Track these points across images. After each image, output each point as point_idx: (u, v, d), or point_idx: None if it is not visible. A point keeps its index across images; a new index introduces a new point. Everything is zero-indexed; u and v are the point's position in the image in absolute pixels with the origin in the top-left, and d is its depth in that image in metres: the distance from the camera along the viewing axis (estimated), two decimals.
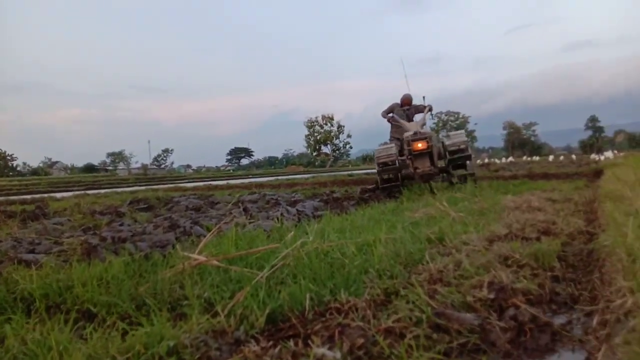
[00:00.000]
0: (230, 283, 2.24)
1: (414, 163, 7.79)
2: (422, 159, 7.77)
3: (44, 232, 4.88)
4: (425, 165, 7.76)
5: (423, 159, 7.77)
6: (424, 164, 7.77)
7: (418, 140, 7.68)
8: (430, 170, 7.72)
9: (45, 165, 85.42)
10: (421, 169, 7.74)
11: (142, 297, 2.13)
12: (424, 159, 7.77)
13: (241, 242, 3.08)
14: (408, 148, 7.69)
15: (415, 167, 7.77)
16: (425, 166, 7.76)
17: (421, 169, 7.74)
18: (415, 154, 7.76)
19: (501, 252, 2.51)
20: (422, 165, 7.77)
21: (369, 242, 2.79)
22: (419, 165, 7.77)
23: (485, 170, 15.00)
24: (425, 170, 7.74)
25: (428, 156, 7.74)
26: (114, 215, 6.46)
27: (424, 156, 7.75)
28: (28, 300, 2.26)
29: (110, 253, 3.37)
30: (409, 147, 7.67)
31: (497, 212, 4.15)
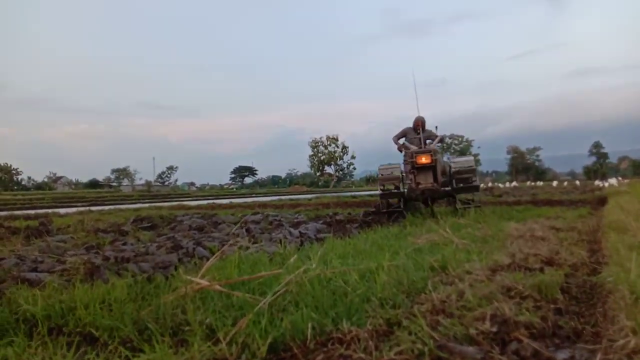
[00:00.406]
0: (233, 309, 2.24)
1: (417, 178, 7.59)
2: (425, 174, 7.57)
3: (47, 250, 4.89)
4: (427, 180, 7.54)
5: (426, 174, 7.56)
6: (426, 179, 7.55)
7: (422, 154, 7.48)
8: (432, 186, 7.48)
9: (49, 180, 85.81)
10: (423, 184, 7.52)
11: (144, 322, 2.13)
12: (427, 174, 7.56)
13: (244, 266, 3.08)
14: (411, 161, 7.50)
15: (418, 183, 7.56)
16: (427, 181, 7.53)
17: (423, 184, 7.51)
18: (419, 168, 7.55)
19: (504, 283, 2.51)
20: (424, 180, 7.55)
21: (372, 269, 2.79)
22: (422, 181, 7.55)
23: (489, 195, 14.98)
24: (428, 185, 7.50)
25: (432, 171, 7.54)
26: (117, 233, 6.48)
27: (428, 171, 7.55)
28: (30, 321, 2.26)
29: (113, 274, 3.37)
30: (412, 159, 7.47)
31: (500, 240, 4.14)
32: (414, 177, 7.60)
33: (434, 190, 7.54)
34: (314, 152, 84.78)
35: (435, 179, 7.53)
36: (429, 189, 7.50)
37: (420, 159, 7.44)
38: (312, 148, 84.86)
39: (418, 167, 7.48)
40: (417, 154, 7.48)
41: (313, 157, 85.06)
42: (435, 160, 7.46)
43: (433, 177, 7.52)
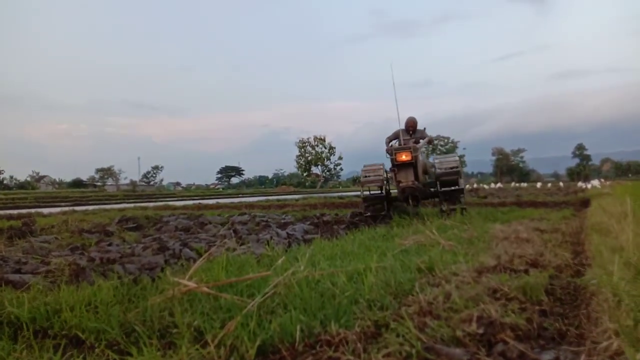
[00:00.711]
0: (221, 311, 2.24)
1: (397, 176, 7.43)
2: (406, 172, 7.36)
3: (31, 250, 4.82)
4: (408, 178, 7.34)
5: (407, 172, 7.36)
6: (407, 177, 7.34)
7: (402, 151, 7.28)
8: (413, 184, 7.30)
9: (32, 179, 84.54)
10: (404, 182, 7.32)
11: (132, 324, 2.12)
12: (408, 172, 7.36)
13: (231, 268, 3.08)
14: (392, 158, 7.34)
15: (399, 181, 7.39)
16: (408, 179, 7.33)
17: (404, 182, 7.32)
18: (399, 165, 7.38)
19: (490, 285, 2.53)
20: (405, 178, 7.35)
21: (360, 270, 2.80)
22: (402, 179, 7.36)
23: (474, 196, 15.12)
24: (409, 183, 7.31)
25: (412, 169, 7.35)
26: (102, 234, 6.41)
27: (408, 168, 7.35)
28: (15, 324, 2.23)
29: (99, 275, 3.34)
30: (393, 156, 7.32)
31: (486, 242, 4.19)
32: (395, 175, 7.47)
33: (415, 188, 7.36)
34: (301, 153, 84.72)
35: (416, 176, 7.36)
36: (410, 187, 7.32)
37: (400, 156, 7.27)
38: (299, 148, 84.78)
39: (398, 164, 7.32)
40: (397, 151, 7.31)
41: (300, 157, 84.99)
42: (416, 157, 7.29)
43: (414, 175, 7.34)
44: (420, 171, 7.42)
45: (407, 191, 7.36)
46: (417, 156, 7.32)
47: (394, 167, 7.43)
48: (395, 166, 7.38)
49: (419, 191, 7.53)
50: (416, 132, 8.41)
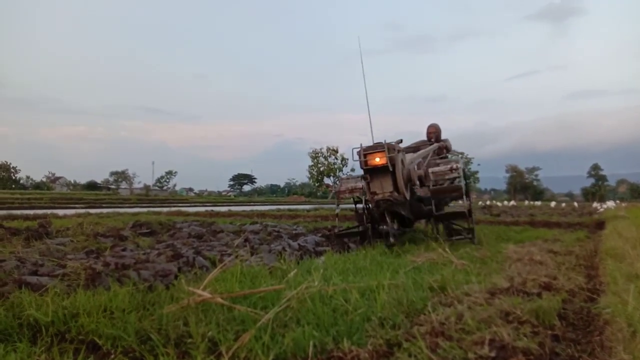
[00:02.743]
0: (234, 322, 2.27)
1: (371, 185, 5.72)
2: (381, 180, 5.62)
3: (47, 253, 4.91)
4: (385, 188, 5.60)
5: (382, 180, 5.62)
6: (382, 187, 5.62)
7: (374, 153, 5.50)
8: (390, 196, 5.55)
9: (48, 180, 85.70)
10: (380, 193, 5.62)
11: (147, 332, 2.16)
12: (384, 180, 5.61)
13: (244, 279, 3.11)
14: (361, 161, 5.58)
15: (373, 192, 5.69)
16: (384, 190, 5.60)
17: (380, 194, 5.61)
18: (371, 171, 5.62)
19: (503, 307, 2.53)
20: (380, 188, 5.63)
21: (372, 287, 2.81)
22: (377, 189, 5.65)
23: (487, 214, 15.02)
24: (385, 195, 5.57)
25: (390, 176, 5.56)
26: (117, 238, 6.50)
27: (384, 175, 5.59)
28: (34, 327, 2.28)
29: (114, 280, 3.39)
30: (363, 159, 5.55)
31: (499, 262, 4.18)
32: (367, 185, 5.79)
33: (393, 203, 5.59)
34: (313, 163, 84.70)
35: (396, 187, 5.58)
36: (386, 199, 5.56)
37: (372, 158, 5.52)
38: (312, 159, 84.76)
39: (369, 169, 5.59)
40: (367, 152, 5.55)
41: (313, 167, 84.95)
42: (393, 158, 5.51)
43: (392, 184, 5.57)
44: (402, 180, 5.63)
45: (381, 206, 5.65)
46: (398, 160, 5.62)
47: (366, 174, 5.72)
48: (367, 172, 5.67)
49: (403, 207, 5.81)
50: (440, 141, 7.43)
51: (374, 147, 5.57)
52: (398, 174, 5.60)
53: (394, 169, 5.57)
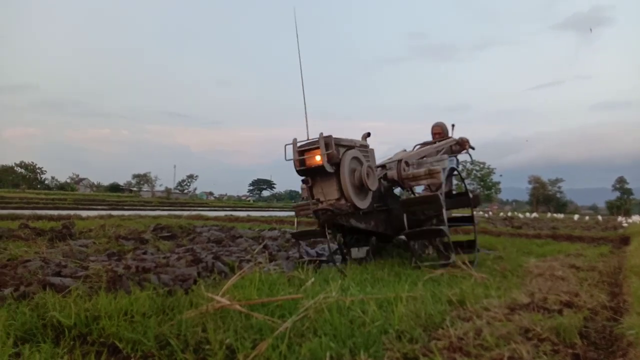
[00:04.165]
0: (252, 330, 2.28)
1: (313, 192, 4.64)
2: (323, 185, 4.56)
3: (70, 254, 5.02)
4: (327, 195, 4.53)
5: (325, 185, 4.55)
6: (325, 194, 4.55)
7: (311, 150, 4.41)
8: (333, 205, 4.46)
9: (72, 181, 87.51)
10: (324, 201, 4.56)
11: (166, 337, 2.18)
12: (327, 185, 4.53)
13: (262, 287, 3.12)
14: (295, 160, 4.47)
15: (315, 200, 4.63)
16: (327, 197, 4.54)
17: (324, 202, 4.55)
18: (308, 172, 4.53)
19: (522, 324, 2.50)
20: (322, 194, 4.58)
21: (390, 299, 2.81)
22: (319, 195, 4.59)
23: (509, 226, 14.82)
24: (330, 202, 4.50)
25: (334, 180, 4.47)
26: (138, 241, 6.60)
27: (327, 179, 4.51)
28: (57, 328, 2.33)
29: (135, 284, 3.45)
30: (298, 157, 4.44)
31: (519, 277, 4.13)
32: (310, 192, 4.70)
33: (334, 213, 4.48)
34: None
35: (342, 193, 4.47)
36: (324, 210, 4.49)
37: (310, 157, 4.40)
38: None
39: (305, 170, 4.48)
40: (301, 150, 4.46)
41: None
42: (333, 155, 4.35)
43: (338, 191, 4.48)
44: (351, 185, 4.49)
45: (322, 218, 4.57)
46: (345, 159, 4.50)
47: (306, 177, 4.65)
48: (303, 174, 4.59)
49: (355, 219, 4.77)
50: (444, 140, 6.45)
51: (313, 142, 4.42)
52: (343, 177, 4.45)
53: (338, 169, 4.46)
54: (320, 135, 4.37)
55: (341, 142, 4.57)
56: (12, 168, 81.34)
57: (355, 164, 4.68)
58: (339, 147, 4.52)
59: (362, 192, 4.71)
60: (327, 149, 4.33)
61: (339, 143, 4.51)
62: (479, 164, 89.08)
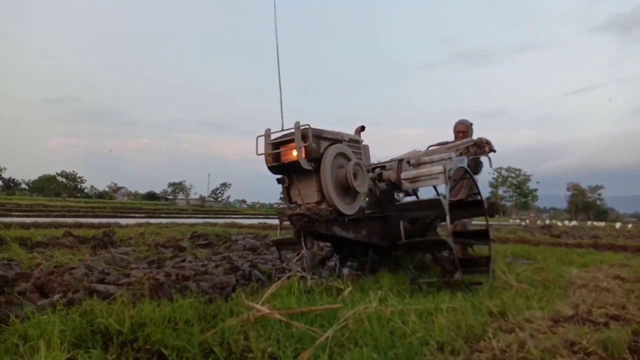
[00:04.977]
0: (293, 339, 2.30)
1: (291, 193, 4.09)
2: (300, 186, 3.96)
3: (112, 261, 5.16)
4: (305, 198, 3.95)
5: (302, 186, 3.95)
6: (303, 195, 3.97)
7: (287, 143, 3.84)
8: (311, 210, 3.80)
9: (110, 190, 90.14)
10: (302, 205, 3.99)
11: (210, 344, 2.23)
12: (303, 185, 3.94)
13: (301, 296, 3.15)
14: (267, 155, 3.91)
15: (292, 202, 4.09)
16: (305, 200, 3.96)
17: (303, 205, 3.98)
18: (278, 168, 3.96)
19: (567, 336, 2.44)
20: (299, 197, 4.01)
21: (430, 309, 2.79)
22: (297, 198, 4.02)
23: (547, 234, 14.43)
24: (308, 206, 3.90)
25: (314, 180, 3.86)
26: (176, 249, 6.74)
27: (306, 179, 3.91)
28: (105, 334, 2.40)
29: (176, 291, 3.53)
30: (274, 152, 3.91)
31: (561, 288, 4.02)
32: (288, 193, 4.13)
33: (311, 220, 3.76)
34: None
35: (323, 195, 3.85)
36: (300, 215, 3.80)
37: (287, 152, 3.81)
38: None
39: (275, 167, 3.93)
40: (276, 142, 3.91)
41: None
42: (311, 149, 3.74)
43: (317, 193, 3.87)
44: (333, 187, 3.87)
45: (297, 224, 3.90)
46: (328, 154, 3.87)
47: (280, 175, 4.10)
48: (276, 171, 4.04)
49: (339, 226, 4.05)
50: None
51: (290, 134, 3.80)
52: (324, 176, 3.77)
53: (319, 166, 3.81)
54: (295, 125, 3.73)
55: (322, 134, 3.93)
56: (54, 177, 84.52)
57: (341, 161, 4.03)
58: (320, 140, 3.88)
59: (349, 194, 4.05)
60: (304, 141, 3.71)
61: (319, 135, 3.88)
62: (515, 170, 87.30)
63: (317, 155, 3.81)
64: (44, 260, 4.85)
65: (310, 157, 3.76)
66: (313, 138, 3.74)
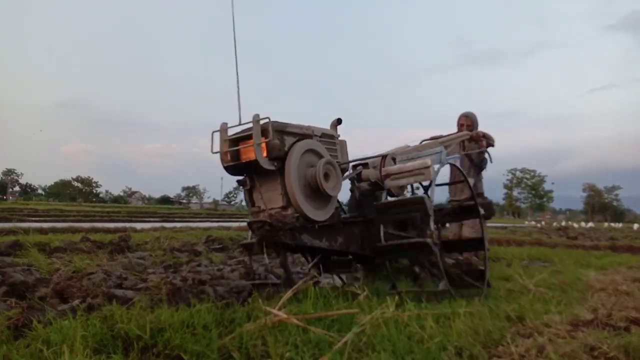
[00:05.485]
0: (310, 344, 2.31)
1: (253, 197, 3.61)
2: (263, 189, 3.52)
3: (129, 266, 5.22)
4: (268, 202, 3.49)
5: (265, 189, 3.52)
6: (266, 199, 3.51)
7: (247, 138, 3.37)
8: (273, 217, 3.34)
9: (125, 194, 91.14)
10: (266, 210, 3.50)
11: (228, 350, 2.25)
12: (269, 188, 3.49)
13: (317, 300, 3.15)
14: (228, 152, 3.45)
15: (255, 208, 3.61)
16: (268, 205, 3.49)
17: (266, 211, 3.49)
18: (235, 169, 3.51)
19: (587, 341, 2.42)
20: (262, 201, 3.54)
21: (447, 314, 2.78)
22: (260, 202, 3.55)
23: (563, 236, 14.29)
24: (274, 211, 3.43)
25: (278, 182, 3.40)
26: (191, 253, 6.80)
27: (269, 180, 3.47)
28: (124, 339, 2.44)
29: (193, 296, 3.56)
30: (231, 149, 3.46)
31: (579, 291, 3.98)
32: (250, 196, 3.65)
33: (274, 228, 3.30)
34: None
35: (289, 200, 3.37)
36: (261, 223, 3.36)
37: (247, 150, 3.36)
38: None
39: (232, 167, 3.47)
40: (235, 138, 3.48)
41: None
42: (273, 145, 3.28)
43: (283, 197, 3.40)
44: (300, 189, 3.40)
45: (257, 233, 3.44)
46: (294, 152, 3.39)
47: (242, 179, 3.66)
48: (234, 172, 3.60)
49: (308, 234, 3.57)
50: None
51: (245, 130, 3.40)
52: (289, 177, 3.32)
53: (283, 165, 3.35)
54: (253, 118, 3.27)
55: (287, 129, 3.46)
56: (70, 182, 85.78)
57: (312, 159, 3.54)
58: (285, 136, 3.41)
59: (320, 198, 3.56)
60: (264, 137, 3.27)
61: (283, 130, 3.41)
62: (529, 171, 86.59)
63: (280, 154, 3.33)
64: (63, 265, 4.92)
65: (272, 156, 3.30)
66: (276, 133, 3.31)
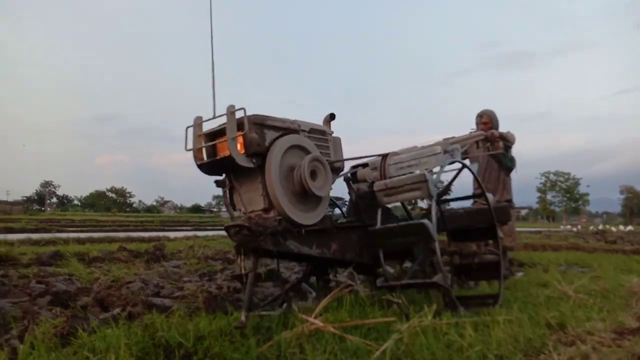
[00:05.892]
0: (347, 353, 2.32)
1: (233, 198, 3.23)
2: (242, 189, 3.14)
3: (166, 275, 5.32)
4: (248, 204, 3.11)
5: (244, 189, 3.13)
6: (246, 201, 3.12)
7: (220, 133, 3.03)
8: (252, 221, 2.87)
9: (158, 204, 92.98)
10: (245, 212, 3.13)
11: (267, 357, 2.27)
12: (249, 188, 3.10)
13: (352, 308, 3.15)
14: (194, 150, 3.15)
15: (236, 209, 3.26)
16: (250, 207, 3.09)
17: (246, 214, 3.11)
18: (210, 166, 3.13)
19: (634, 350, 2.35)
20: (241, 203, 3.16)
21: (486, 322, 2.74)
22: (240, 204, 3.18)
23: (601, 240, 13.87)
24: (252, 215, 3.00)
25: (259, 181, 3.01)
26: (225, 261, 6.88)
27: (250, 180, 3.08)
28: (165, 347, 2.49)
29: (229, 304, 3.61)
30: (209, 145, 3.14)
31: (622, 297, 3.86)
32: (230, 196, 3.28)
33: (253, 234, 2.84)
34: None
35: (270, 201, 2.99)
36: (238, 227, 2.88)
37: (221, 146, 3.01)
38: None
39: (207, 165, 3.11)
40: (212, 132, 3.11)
41: None
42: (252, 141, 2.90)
43: (264, 198, 3.01)
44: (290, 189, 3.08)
45: (235, 238, 2.96)
46: (276, 148, 2.99)
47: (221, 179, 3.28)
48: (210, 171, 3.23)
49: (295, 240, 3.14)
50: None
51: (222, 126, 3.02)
52: (269, 176, 2.95)
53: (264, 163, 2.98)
54: (228, 110, 2.86)
55: (268, 122, 3.05)
56: (104, 193, 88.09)
57: (298, 156, 3.16)
58: (266, 130, 3.03)
59: (308, 199, 3.19)
60: (240, 130, 2.87)
61: (263, 123, 3.01)
62: (563, 174, 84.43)
63: (259, 149, 2.95)
64: (102, 274, 5.05)
65: (250, 152, 2.91)
66: (255, 126, 2.94)
